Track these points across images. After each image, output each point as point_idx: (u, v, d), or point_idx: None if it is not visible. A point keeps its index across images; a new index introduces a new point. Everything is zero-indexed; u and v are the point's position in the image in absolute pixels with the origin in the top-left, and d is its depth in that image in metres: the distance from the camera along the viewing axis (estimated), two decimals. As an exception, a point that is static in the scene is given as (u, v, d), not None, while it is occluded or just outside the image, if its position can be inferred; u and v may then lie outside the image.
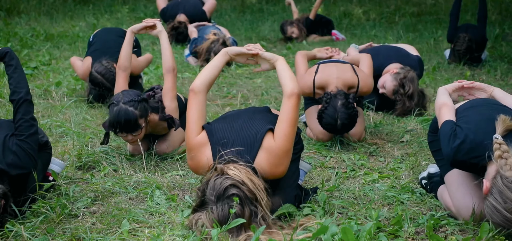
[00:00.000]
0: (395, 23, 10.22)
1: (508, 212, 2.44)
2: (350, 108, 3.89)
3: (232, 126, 2.87)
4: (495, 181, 2.50)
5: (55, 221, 2.83)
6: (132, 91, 3.62)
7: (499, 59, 7.15)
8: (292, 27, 8.46)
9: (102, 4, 11.38)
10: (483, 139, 2.62)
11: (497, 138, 2.57)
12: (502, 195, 2.46)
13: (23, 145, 2.80)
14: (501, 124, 2.65)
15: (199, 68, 6.49)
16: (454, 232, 2.77)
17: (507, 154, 2.51)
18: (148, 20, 4.02)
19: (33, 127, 2.88)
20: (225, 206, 2.54)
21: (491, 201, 2.50)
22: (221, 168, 2.63)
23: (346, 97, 3.92)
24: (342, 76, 4.07)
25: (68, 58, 6.75)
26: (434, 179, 3.23)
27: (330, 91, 3.98)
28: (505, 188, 2.44)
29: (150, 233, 2.72)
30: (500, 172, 2.48)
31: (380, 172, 3.61)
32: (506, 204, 2.45)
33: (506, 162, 2.48)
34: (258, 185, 2.61)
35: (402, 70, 4.66)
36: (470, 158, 2.65)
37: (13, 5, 10.24)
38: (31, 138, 2.85)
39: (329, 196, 3.16)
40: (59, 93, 5.20)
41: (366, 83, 4.10)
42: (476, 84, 3.21)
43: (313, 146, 4.07)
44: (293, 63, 6.88)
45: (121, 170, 3.54)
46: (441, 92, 3.13)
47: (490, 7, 10.22)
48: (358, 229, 2.67)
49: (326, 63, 4.23)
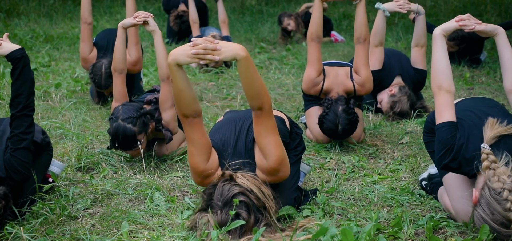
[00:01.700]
0: (394, 24, 10.22)
1: (495, 223, 2.46)
2: (350, 114, 3.92)
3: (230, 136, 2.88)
4: (483, 192, 2.51)
5: (55, 222, 2.83)
6: (132, 105, 3.58)
7: (499, 61, 7.14)
8: (289, 19, 8.35)
9: (102, 5, 11.38)
10: (475, 154, 2.62)
11: (484, 148, 2.58)
12: (489, 207, 2.47)
13: (12, 159, 2.75)
14: (489, 129, 2.65)
15: (198, 69, 6.48)
16: (454, 234, 2.77)
17: (495, 165, 2.51)
18: (139, 14, 3.77)
19: (23, 142, 2.77)
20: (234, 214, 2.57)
21: (479, 211, 2.52)
22: (229, 174, 2.63)
23: (347, 103, 3.96)
24: (342, 81, 4.11)
25: (67, 60, 6.76)
26: (434, 180, 3.23)
27: (331, 97, 4.03)
28: (492, 200, 2.46)
29: (149, 234, 2.72)
30: (488, 183, 2.49)
31: (379, 173, 3.61)
32: (493, 216, 2.46)
33: (494, 173, 2.49)
34: (267, 195, 2.64)
35: (398, 93, 4.70)
36: (460, 171, 2.69)
37: (13, 7, 10.24)
38: (19, 152, 2.76)
39: (329, 198, 3.16)
40: (59, 94, 5.20)
41: (363, 87, 4.09)
42: (477, 27, 2.97)
43: (312, 148, 4.07)
44: (292, 64, 6.89)
45: (121, 171, 3.54)
46: (438, 45, 2.86)
47: (489, 9, 10.23)
48: (357, 230, 2.67)
49: (330, 66, 4.24)
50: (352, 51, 7.77)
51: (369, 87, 4.10)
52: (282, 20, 8.38)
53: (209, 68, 6.46)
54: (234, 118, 3.02)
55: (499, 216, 2.44)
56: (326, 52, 7.60)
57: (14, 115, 2.77)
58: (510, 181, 2.45)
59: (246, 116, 2.99)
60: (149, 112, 3.60)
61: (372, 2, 5.34)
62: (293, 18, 8.36)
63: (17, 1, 10.65)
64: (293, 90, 5.69)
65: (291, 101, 5.37)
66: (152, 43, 7.96)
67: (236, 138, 2.85)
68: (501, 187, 2.44)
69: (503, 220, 2.44)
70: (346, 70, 4.17)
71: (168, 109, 3.64)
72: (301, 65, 6.85)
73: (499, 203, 2.44)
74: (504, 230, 2.45)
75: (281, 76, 6.24)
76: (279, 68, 6.65)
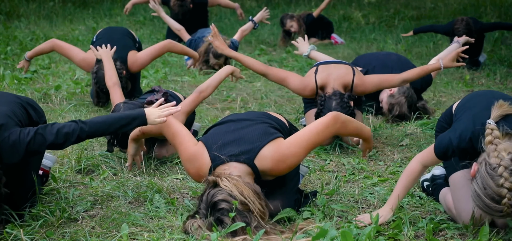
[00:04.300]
0: (394, 26, 10.23)
1: (487, 198, 2.43)
2: (345, 108, 3.85)
3: (230, 127, 2.88)
4: (479, 167, 2.49)
5: (55, 225, 2.83)
6: (133, 104, 3.58)
7: (499, 63, 7.16)
8: (291, 21, 8.34)
9: (102, 7, 11.38)
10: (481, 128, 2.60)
11: (490, 123, 2.56)
12: (483, 181, 2.45)
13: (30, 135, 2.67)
14: (497, 109, 2.64)
15: (198, 71, 6.48)
16: (454, 236, 2.77)
17: (497, 140, 2.49)
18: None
19: (40, 136, 2.69)
20: (217, 219, 2.58)
21: (474, 186, 2.50)
22: (213, 180, 2.64)
23: (341, 97, 3.90)
24: (339, 76, 4.05)
25: (67, 62, 6.76)
26: (437, 181, 3.23)
27: (326, 93, 3.98)
28: (486, 175, 2.44)
29: (149, 237, 2.72)
30: (486, 159, 2.47)
31: (379, 175, 3.61)
32: (485, 190, 2.43)
33: (495, 148, 2.47)
34: (247, 196, 2.60)
35: (397, 93, 4.68)
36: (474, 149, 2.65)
37: (13, 9, 10.25)
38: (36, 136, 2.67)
39: (329, 200, 3.16)
40: (59, 96, 5.20)
41: (361, 81, 4.05)
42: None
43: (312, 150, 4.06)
44: (292, 66, 6.90)
45: (121, 173, 3.54)
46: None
47: (489, 11, 10.24)
48: (357, 232, 2.66)
49: (325, 64, 4.23)
50: (352, 53, 7.77)
51: (367, 84, 4.06)
52: (285, 22, 8.37)
53: (209, 70, 6.46)
54: (234, 117, 3.04)
55: (490, 191, 2.42)
56: (326, 54, 7.59)
57: (39, 127, 2.71)
58: (508, 158, 2.42)
59: (248, 116, 3.02)
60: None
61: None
62: (295, 19, 8.35)
63: (17, 3, 10.66)
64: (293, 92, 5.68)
65: (291, 103, 5.37)
66: (151, 45, 7.93)
67: (239, 128, 2.86)
68: (498, 163, 2.42)
69: (493, 195, 2.41)
70: (346, 67, 4.15)
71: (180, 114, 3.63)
72: (301, 67, 6.86)
73: (493, 178, 2.41)
74: (494, 205, 2.42)
75: (281, 78, 6.23)
76: (279, 70, 6.64)
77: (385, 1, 12.87)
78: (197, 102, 3.65)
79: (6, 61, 6.66)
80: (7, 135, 2.63)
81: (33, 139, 2.64)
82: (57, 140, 2.68)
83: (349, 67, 4.13)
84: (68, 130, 2.69)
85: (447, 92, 5.76)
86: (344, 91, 4.01)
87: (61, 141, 2.69)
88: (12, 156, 2.63)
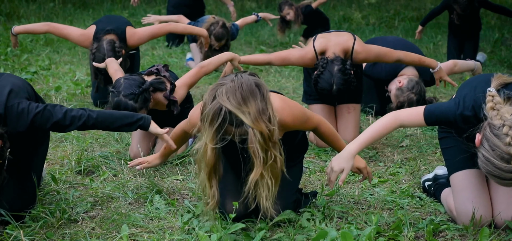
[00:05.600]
0: (394, 27, 10.23)
1: (497, 159, 2.40)
2: (346, 74, 3.83)
3: None
4: (484, 132, 2.47)
5: (55, 226, 2.83)
6: (134, 79, 3.52)
7: (499, 64, 7.16)
8: (289, 9, 8.18)
9: (102, 8, 11.39)
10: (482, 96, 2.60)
11: (490, 90, 2.56)
12: (490, 143, 2.42)
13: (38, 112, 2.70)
14: (497, 79, 2.65)
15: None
16: (454, 237, 2.77)
17: (499, 106, 2.48)
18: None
19: (49, 113, 2.73)
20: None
21: (482, 152, 2.46)
22: None
23: (343, 63, 3.87)
24: (339, 41, 4.00)
25: (67, 63, 6.77)
26: (439, 181, 3.23)
27: (327, 57, 3.94)
28: (492, 135, 2.42)
29: (149, 238, 2.72)
30: (490, 122, 2.46)
31: (379, 176, 3.61)
32: (494, 152, 2.40)
33: (498, 113, 2.46)
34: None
35: (406, 88, 4.57)
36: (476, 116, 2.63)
37: (13, 10, 10.25)
38: (44, 111, 2.72)
39: (329, 201, 3.16)
40: (59, 97, 5.21)
41: (361, 48, 4.00)
42: None
43: (312, 151, 4.06)
44: (292, 67, 6.89)
45: (121, 174, 3.54)
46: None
47: (489, 12, 10.23)
48: (357, 234, 2.67)
49: (324, 32, 4.22)
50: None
51: (368, 51, 4.03)
52: (282, 8, 8.24)
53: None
54: None
55: (499, 151, 2.39)
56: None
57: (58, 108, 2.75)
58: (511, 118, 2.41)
59: None
60: (153, 85, 3.58)
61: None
62: (294, 8, 8.22)
63: (17, 4, 10.66)
64: (293, 93, 5.69)
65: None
66: (152, 48, 7.96)
67: None
68: (502, 123, 2.40)
69: (503, 155, 2.38)
70: (348, 34, 4.11)
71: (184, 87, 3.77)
72: (301, 68, 6.84)
73: (499, 138, 2.39)
74: (505, 165, 2.38)
75: (281, 79, 6.25)
76: (279, 71, 6.65)
77: (385, 2, 12.87)
78: (198, 76, 3.79)
79: (6, 62, 6.66)
80: (16, 102, 2.68)
81: (41, 112, 2.69)
82: (64, 121, 2.73)
83: (350, 34, 4.11)
84: (76, 114, 2.76)
85: (447, 93, 5.76)
86: (344, 57, 3.96)
87: (67, 122, 2.74)
88: (18, 124, 2.66)
